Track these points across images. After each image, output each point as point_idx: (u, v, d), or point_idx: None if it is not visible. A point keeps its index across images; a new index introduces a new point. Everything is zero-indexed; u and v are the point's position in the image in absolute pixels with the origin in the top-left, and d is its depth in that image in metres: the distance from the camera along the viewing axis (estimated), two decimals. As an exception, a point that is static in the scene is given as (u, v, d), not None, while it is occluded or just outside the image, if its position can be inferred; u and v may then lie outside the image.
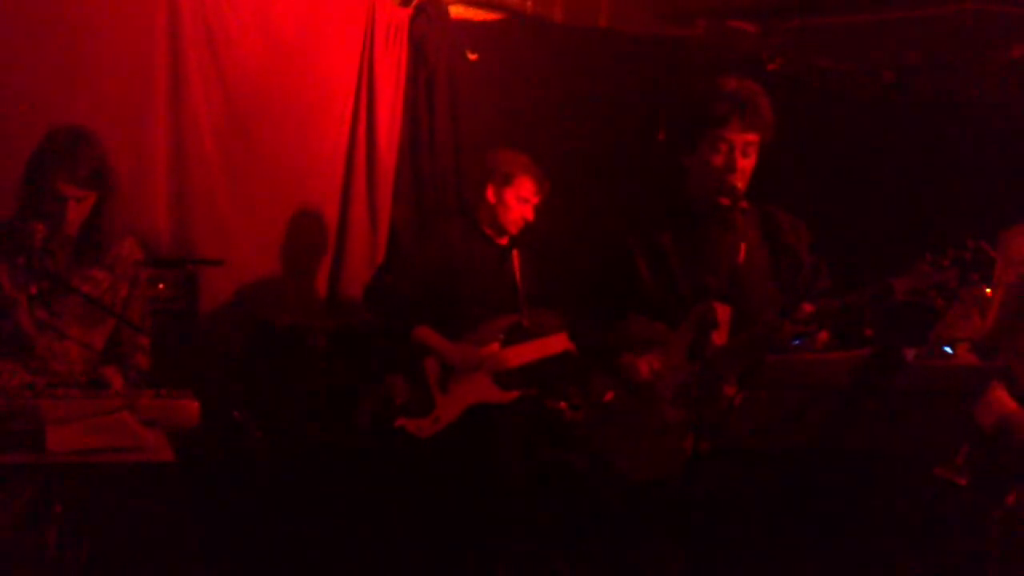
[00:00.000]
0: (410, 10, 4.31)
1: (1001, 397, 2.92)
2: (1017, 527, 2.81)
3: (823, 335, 2.50)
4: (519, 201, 3.62)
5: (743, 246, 2.50)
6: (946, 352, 2.61)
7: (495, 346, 3.58)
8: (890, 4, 4.30)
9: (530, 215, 3.66)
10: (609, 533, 2.84)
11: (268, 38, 4.09)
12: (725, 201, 2.54)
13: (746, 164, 2.59)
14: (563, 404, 3.80)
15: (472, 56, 4.40)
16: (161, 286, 3.60)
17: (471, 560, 3.52)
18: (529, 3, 4.50)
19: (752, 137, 2.58)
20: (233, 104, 4.05)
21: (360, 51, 4.23)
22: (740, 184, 2.57)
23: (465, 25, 4.44)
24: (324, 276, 4.29)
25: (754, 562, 2.58)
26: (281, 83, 4.12)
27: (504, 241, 3.70)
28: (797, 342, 2.41)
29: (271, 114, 4.12)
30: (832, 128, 4.21)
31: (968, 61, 4.31)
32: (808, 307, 2.41)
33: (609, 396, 2.66)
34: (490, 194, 3.63)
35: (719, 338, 2.50)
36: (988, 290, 2.21)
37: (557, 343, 3.56)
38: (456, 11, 4.42)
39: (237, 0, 4.03)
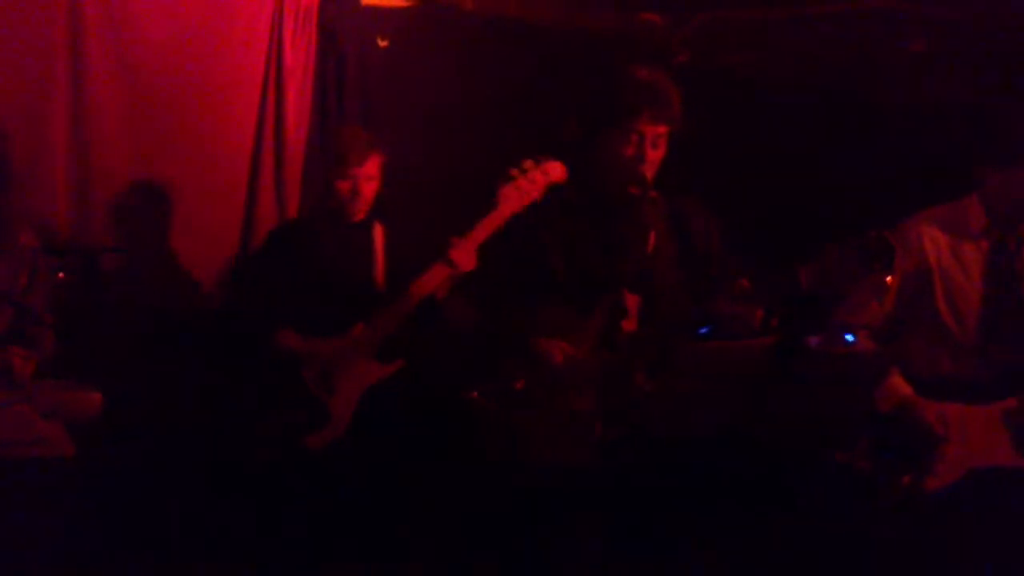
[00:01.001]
0: (319, -3, 4.26)
1: (898, 382, 3.03)
2: (912, 507, 2.92)
3: (759, 312, 2.54)
4: (357, 180, 3.52)
5: (652, 235, 2.55)
6: (846, 339, 2.69)
7: (359, 327, 3.45)
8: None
9: (368, 192, 3.54)
10: (523, 521, 2.85)
11: (173, 20, 4.01)
12: (635, 191, 2.58)
13: (655, 155, 2.63)
14: (475, 393, 3.78)
15: (383, 42, 4.37)
16: (61, 275, 3.51)
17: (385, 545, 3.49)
18: (442, -10, 4.49)
19: (662, 129, 2.62)
20: (137, 88, 3.96)
21: (268, 36, 4.18)
22: (649, 174, 2.61)
23: (376, 11, 4.40)
24: (231, 264, 4.22)
25: (665, 547, 2.63)
26: (187, 67, 4.04)
27: (356, 220, 3.60)
28: (704, 331, 2.46)
29: (176, 98, 4.04)
30: (739, 121, 4.28)
31: (872, 56, 4.43)
32: (745, 282, 2.46)
33: (520, 384, 2.68)
34: (330, 176, 3.55)
35: (628, 326, 2.54)
36: (889, 278, 2.29)
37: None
38: (366, -2, 4.38)
39: (140, -20, 3.95)
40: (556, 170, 2.93)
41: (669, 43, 4.77)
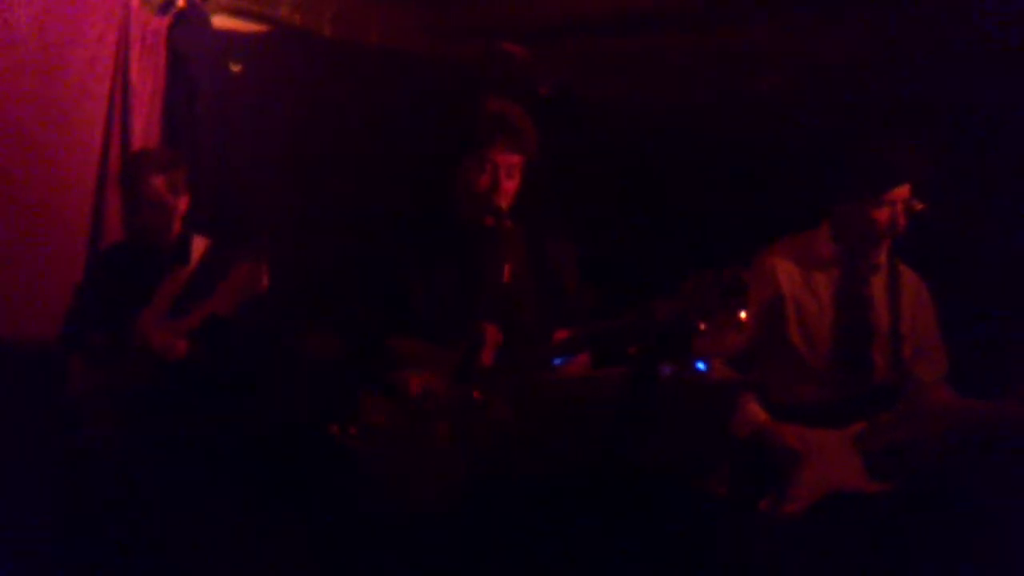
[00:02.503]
0: (169, 18, 4.14)
1: (755, 409, 3.07)
2: (770, 530, 2.96)
3: (583, 357, 2.55)
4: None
5: (507, 266, 2.53)
6: (699, 368, 2.73)
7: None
8: (658, 32, 4.47)
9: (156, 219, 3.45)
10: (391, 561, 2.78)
11: (9, 33, 3.84)
12: (490, 221, 2.56)
13: (511, 185, 2.62)
14: (335, 427, 3.68)
15: (236, 67, 4.27)
16: None
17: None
18: (298, 16, 4.41)
19: (516, 159, 2.61)
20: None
21: (114, 57, 4.04)
22: (505, 204, 2.60)
23: (229, 36, 4.30)
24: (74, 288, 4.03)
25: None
26: (22, 89, 3.87)
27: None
28: (558, 362, 2.45)
29: (10, 121, 3.86)
30: (600, 151, 4.33)
31: (726, 89, 4.54)
32: (563, 334, 2.47)
33: (381, 418, 2.62)
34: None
35: (487, 358, 2.51)
36: (743, 314, 2.33)
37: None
38: (220, 21, 4.27)
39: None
40: None
41: (532, 74, 4.80)
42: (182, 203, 3.47)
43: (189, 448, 3.26)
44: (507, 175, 2.60)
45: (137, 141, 4.08)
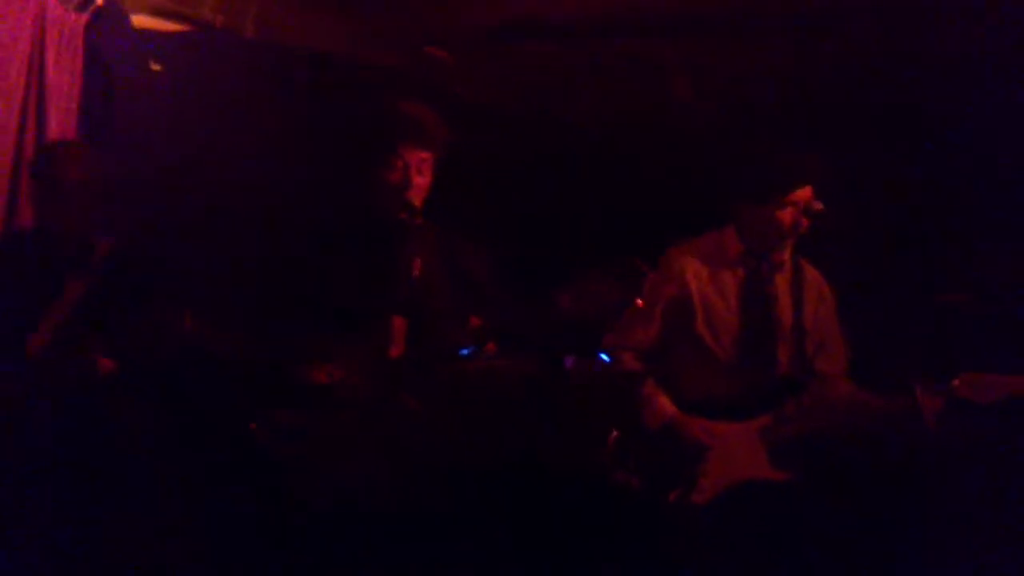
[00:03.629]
0: (86, 17, 4.08)
1: (664, 403, 3.14)
2: (682, 521, 3.03)
3: (491, 346, 2.59)
4: None
5: (418, 261, 2.56)
6: (602, 359, 2.79)
7: None
8: (579, 39, 4.54)
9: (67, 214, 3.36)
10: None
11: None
12: (403, 216, 2.59)
13: (422, 182, 2.66)
14: (252, 425, 3.67)
15: (156, 67, 4.23)
16: None
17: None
18: (220, 16, 4.38)
19: (426, 155, 2.66)
20: None
21: (29, 52, 3.95)
22: (417, 201, 2.63)
23: (149, 35, 4.25)
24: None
25: None
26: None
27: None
28: (465, 352, 2.49)
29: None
30: (517, 153, 4.38)
31: (639, 96, 4.63)
32: (475, 321, 2.50)
33: (286, 414, 2.63)
34: None
35: (395, 351, 2.54)
36: (640, 302, 2.40)
37: None
38: (139, 20, 4.22)
39: None
40: None
41: (454, 78, 4.85)
42: (95, 201, 3.42)
43: (99, 453, 3.22)
44: (418, 171, 2.64)
45: (53, 140, 4.01)
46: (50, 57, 3.99)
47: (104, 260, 3.37)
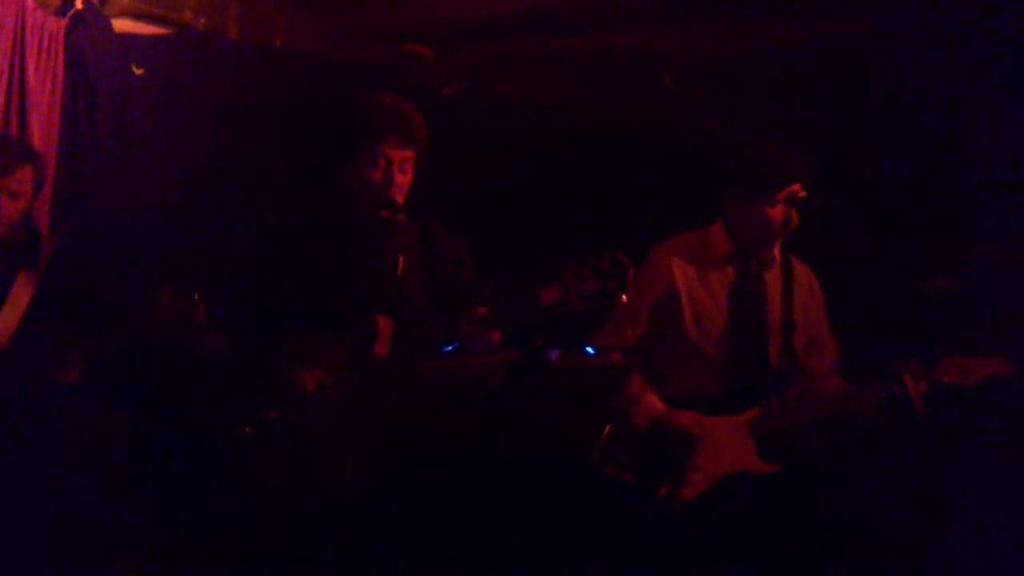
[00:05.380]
0: (67, 20, 4.05)
1: (652, 399, 3.14)
2: (669, 518, 3.03)
3: (496, 335, 2.59)
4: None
5: (401, 259, 2.56)
6: (586, 352, 2.79)
7: None
8: (561, 33, 4.54)
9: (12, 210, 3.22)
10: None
11: None
12: (385, 214, 2.59)
13: (404, 180, 2.67)
14: (247, 428, 3.65)
15: (139, 71, 4.21)
16: None
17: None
18: (202, 19, 4.37)
19: (408, 153, 2.66)
20: None
21: (9, 57, 3.93)
22: (399, 199, 2.63)
23: (131, 38, 4.23)
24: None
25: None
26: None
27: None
28: (449, 348, 2.49)
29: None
30: (503, 150, 4.38)
31: (625, 90, 4.63)
32: (481, 311, 2.50)
33: (272, 414, 2.62)
34: None
35: (380, 350, 2.54)
36: (624, 297, 2.40)
37: None
38: (121, 24, 4.20)
39: None
40: None
41: (436, 75, 4.84)
42: (40, 198, 3.36)
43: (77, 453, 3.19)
44: (400, 170, 2.65)
45: (36, 144, 3.99)
46: (31, 62, 3.96)
47: (51, 260, 3.28)
